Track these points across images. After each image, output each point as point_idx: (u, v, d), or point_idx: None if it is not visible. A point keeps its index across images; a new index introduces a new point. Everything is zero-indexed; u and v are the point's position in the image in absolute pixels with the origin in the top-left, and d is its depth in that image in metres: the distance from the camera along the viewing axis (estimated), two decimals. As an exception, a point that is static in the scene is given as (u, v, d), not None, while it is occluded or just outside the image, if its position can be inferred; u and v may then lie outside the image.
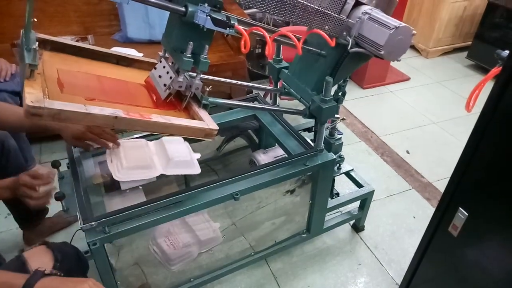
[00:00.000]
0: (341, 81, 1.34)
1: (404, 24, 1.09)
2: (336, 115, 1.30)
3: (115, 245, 1.17)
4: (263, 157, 1.57)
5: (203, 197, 1.16)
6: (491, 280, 0.98)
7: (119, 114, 0.85)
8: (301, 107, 1.35)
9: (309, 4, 1.05)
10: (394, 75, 3.10)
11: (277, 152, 1.58)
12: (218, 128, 1.01)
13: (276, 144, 1.57)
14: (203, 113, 1.05)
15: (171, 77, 1.02)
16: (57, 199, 1.11)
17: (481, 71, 3.25)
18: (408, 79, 3.10)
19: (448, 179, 1.01)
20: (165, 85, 1.04)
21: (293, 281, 1.56)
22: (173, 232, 1.40)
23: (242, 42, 0.96)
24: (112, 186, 1.21)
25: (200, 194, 1.15)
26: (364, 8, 1.15)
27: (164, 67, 1.05)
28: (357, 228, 1.78)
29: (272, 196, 1.41)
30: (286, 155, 1.44)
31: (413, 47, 3.59)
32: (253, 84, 1.48)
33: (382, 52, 1.11)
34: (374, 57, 1.21)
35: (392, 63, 3.05)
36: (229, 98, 1.98)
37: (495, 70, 0.86)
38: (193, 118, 1.04)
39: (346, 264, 1.64)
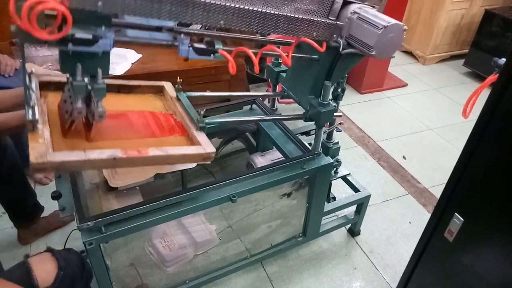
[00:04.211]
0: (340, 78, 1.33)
1: (393, 22, 1.05)
2: (336, 114, 1.29)
3: (111, 245, 1.17)
4: (260, 160, 1.58)
5: (200, 199, 1.16)
6: (486, 285, 0.98)
7: (117, 155, 0.88)
8: (299, 110, 1.36)
9: (293, 15, 1.01)
10: (392, 81, 3.12)
11: (275, 155, 1.58)
12: (215, 150, 1.02)
13: (274, 147, 1.57)
14: (200, 136, 1.06)
15: (71, 103, 0.90)
16: (53, 198, 1.11)
17: (477, 78, 3.28)
18: (405, 85, 3.12)
19: (444, 185, 1.02)
20: (67, 111, 0.94)
21: (288, 284, 1.56)
22: (169, 234, 1.40)
23: (229, 65, 0.95)
24: (109, 186, 1.21)
25: (197, 196, 1.15)
26: (353, 7, 1.11)
27: (69, 90, 0.93)
28: (353, 232, 1.78)
29: (269, 199, 1.42)
30: (283, 158, 1.44)
31: (410, 53, 3.62)
32: (252, 93, 1.49)
33: (373, 53, 1.07)
34: (373, 59, 1.21)
35: (390, 69, 3.07)
36: (228, 100, 1.99)
37: (492, 77, 0.88)
38: (192, 141, 1.06)
39: (341, 268, 1.64)
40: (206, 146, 1.02)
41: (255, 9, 0.95)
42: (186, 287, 1.37)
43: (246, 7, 0.94)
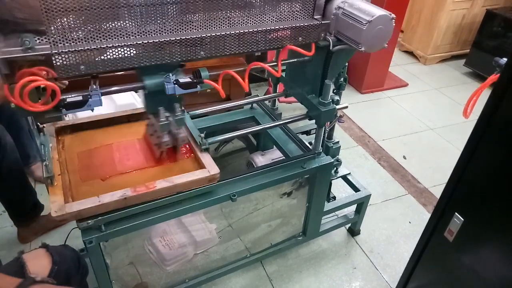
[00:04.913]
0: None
1: (378, 14, 0.99)
2: (340, 106, 1.28)
3: (111, 243, 1.17)
4: (260, 159, 1.57)
5: (200, 198, 1.16)
6: (486, 285, 0.98)
7: (127, 194, 0.98)
8: (300, 109, 1.35)
9: (273, 27, 0.99)
10: (392, 81, 3.12)
11: (275, 154, 1.58)
12: (219, 171, 1.09)
13: (274, 146, 1.57)
14: (205, 157, 1.13)
15: (158, 137, 1.08)
16: (53, 196, 1.11)
17: (478, 78, 3.27)
18: (406, 85, 3.12)
19: (445, 185, 1.01)
20: (156, 144, 1.12)
21: (288, 283, 1.56)
22: (169, 232, 1.39)
23: (220, 91, 0.98)
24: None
25: (197, 194, 1.15)
26: (337, 1, 1.06)
27: (153, 124, 1.11)
28: (353, 232, 1.78)
29: (269, 198, 1.41)
30: (284, 157, 1.44)
31: (411, 53, 3.62)
32: (253, 99, 1.48)
33: (362, 49, 1.04)
34: (374, 59, 1.20)
35: (390, 69, 3.07)
36: (228, 100, 1.98)
37: (493, 77, 0.87)
38: (198, 161, 1.14)
39: (341, 267, 1.64)
40: (210, 168, 1.09)
41: (231, 32, 0.95)
42: (186, 286, 1.37)
43: (222, 33, 0.94)
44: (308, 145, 1.39)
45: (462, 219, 0.97)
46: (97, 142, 1.22)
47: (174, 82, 0.93)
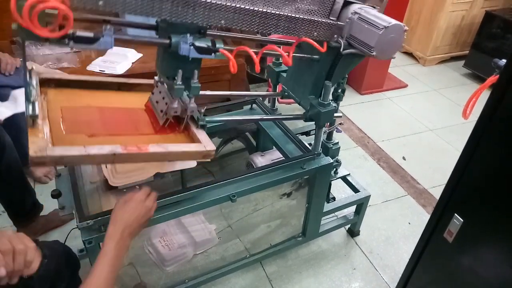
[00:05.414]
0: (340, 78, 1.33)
1: (394, 22, 1.05)
2: (336, 114, 1.29)
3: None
4: (260, 160, 1.58)
5: (199, 198, 1.16)
6: (485, 286, 0.98)
7: (117, 150, 0.88)
8: (299, 111, 1.36)
9: (294, 15, 1.02)
10: (392, 82, 3.12)
11: (275, 155, 1.58)
12: (215, 148, 1.03)
13: (274, 147, 1.57)
14: (201, 133, 1.07)
15: (166, 103, 1.04)
16: (53, 197, 1.11)
17: (477, 80, 3.28)
18: (405, 86, 3.12)
19: (444, 186, 1.02)
20: (161, 111, 1.06)
21: (287, 284, 1.56)
22: (168, 233, 1.40)
23: (230, 64, 0.95)
24: (109, 185, 1.21)
25: (197, 195, 1.15)
26: (354, 7, 1.11)
27: (160, 92, 1.08)
28: (353, 232, 1.78)
29: (268, 198, 1.42)
30: (283, 158, 1.44)
31: (411, 54, 3.62)
32: (252, 93, 1.48)
33: (374, 53, 1.08)
34: (373, 60, 1.21)
35: (390, 70, 3.08)
36: (228, 100, 1.99)
37: (492, 78, 0.88)
38: (192, 139, 1.07)
39: (340, 268, 1.64)
40: (206, 144, 1.02)
41: (256, 9, 0.95)
42: (185, 286, 1.37)
43: (247, 7, 0.94)
44: (308, 146, 1.39)
45: (462, 220, 0.97)
46: (83, 102, 1.10)
47: (191, 44, 0.91)
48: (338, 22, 1.12)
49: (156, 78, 1.09)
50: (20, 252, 0.82)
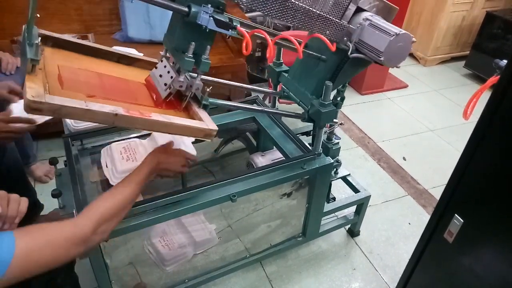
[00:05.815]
0: (340, 86, 1.35)
1: (404, 31, 1.10)
2: (334, 120, 1.31)
3: (110, 243, 1.17)
4: (261, 160, 1.58)
5: (200, 198, 1.16)
6: (485, 286, 0.98)
7: (119, 111, 0.84)
8: (299, 111, 1.36)
9: (311, 9, 1.06)
10: (392, 82, 3.12)
11: (275, 155, 1.58)
12: (217, 128, 1.00)
13: (274, 147, 1.57)
14: (203, 113, 1.05)
15: (171, 77, 1.01)
16: (54, 196, 1.11)
17: (478, 80, 3.28)
18: (406, 86, 3.12)
19: (444, 186, 1.01)
20: (165, 84, 1.03)
21: (287, 284, 1.56)
22: (168, 233, 1.40)
23: (244, 44, 0.97)
24: (109, 184, 1.21)
25: (197, 195, 1.15)
26: (365, 14, 1.16)
27: (165, 66, 1.05)
28: (353, 233, 1.78)
29: (268, 198, 1.42)
30: (284, 158, 1.44)
31: (411, 55, 3.62)
32: (252, 87, 1.48)
33: (382, 59, 1.12)
34: (374, 63, 1.22)
35: (390, 70, 3.08)
36: (228, 100, 1.99)
37: (493, 79, 0.88)
38: (193, 119, 1.04)
39: (340, 268, 1.64)
40: (208, 122, 1.00)
41: None
42: (185, 286, 1.37)
43: None
44: (308, 146, 1.39)
45: (462, 221, 0.97)
46: (81, 65, 1.06)
47: (211, 15, 0.91)
48: (350, 26, 1.16)
49: (161, 52, 1.08)
50: (14, 200, 0.84)
